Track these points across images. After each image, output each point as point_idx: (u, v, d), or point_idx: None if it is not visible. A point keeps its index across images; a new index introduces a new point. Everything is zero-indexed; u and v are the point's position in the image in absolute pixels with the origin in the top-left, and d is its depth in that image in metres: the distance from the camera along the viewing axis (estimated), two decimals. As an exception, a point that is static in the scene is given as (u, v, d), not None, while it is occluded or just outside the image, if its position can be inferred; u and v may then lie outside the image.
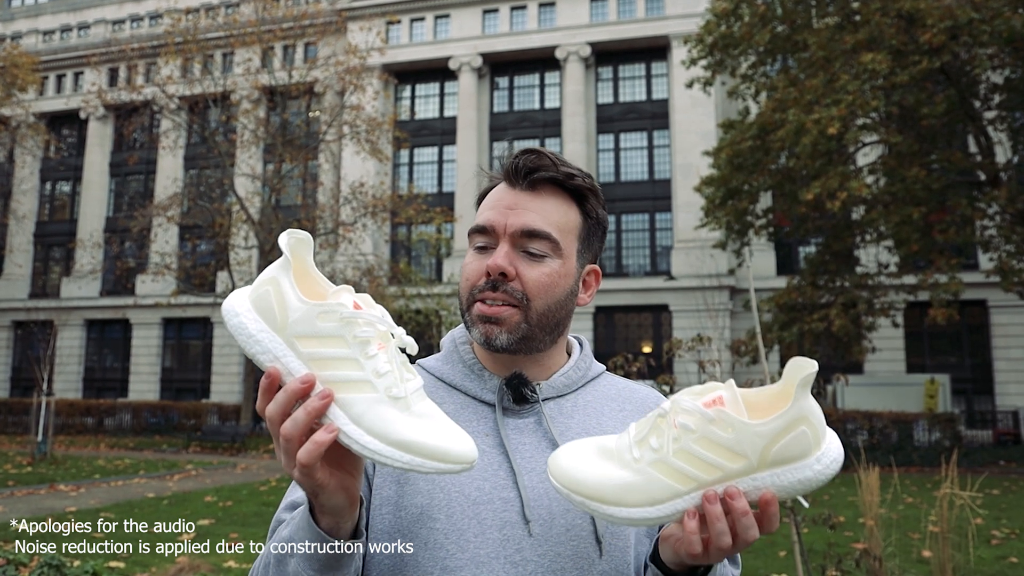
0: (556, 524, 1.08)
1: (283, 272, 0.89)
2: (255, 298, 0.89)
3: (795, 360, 0.89)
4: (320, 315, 0.86)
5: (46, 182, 37.68)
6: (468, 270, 1.16)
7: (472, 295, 1.14)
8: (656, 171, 30.10)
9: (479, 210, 1.21)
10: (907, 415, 20.14)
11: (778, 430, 0.88)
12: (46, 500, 11.16)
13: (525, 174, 1.15)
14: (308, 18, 26.63)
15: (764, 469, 0.89)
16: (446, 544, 1.06)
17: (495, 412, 1.16)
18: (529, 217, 1.13)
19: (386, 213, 25.54)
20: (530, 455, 1.13)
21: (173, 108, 27.33)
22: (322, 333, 0.86)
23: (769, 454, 0.89)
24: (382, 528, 1.09)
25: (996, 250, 17.10)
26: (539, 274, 1.13)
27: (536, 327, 1.14)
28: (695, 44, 19.47)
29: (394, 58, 31.53)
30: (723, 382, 0.93)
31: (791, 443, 0.88)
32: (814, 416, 0.89)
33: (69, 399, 29.04)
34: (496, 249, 1.14)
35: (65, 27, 38.05)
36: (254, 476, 15.34)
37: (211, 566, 6.48)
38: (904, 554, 6.80)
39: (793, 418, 0.88)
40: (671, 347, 6.96)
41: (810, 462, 0.89)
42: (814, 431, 0.89)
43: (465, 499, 1.08)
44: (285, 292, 0.87)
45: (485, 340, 1.13)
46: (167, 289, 29.42)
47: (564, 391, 1.21)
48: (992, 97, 17.88)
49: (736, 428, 0.88)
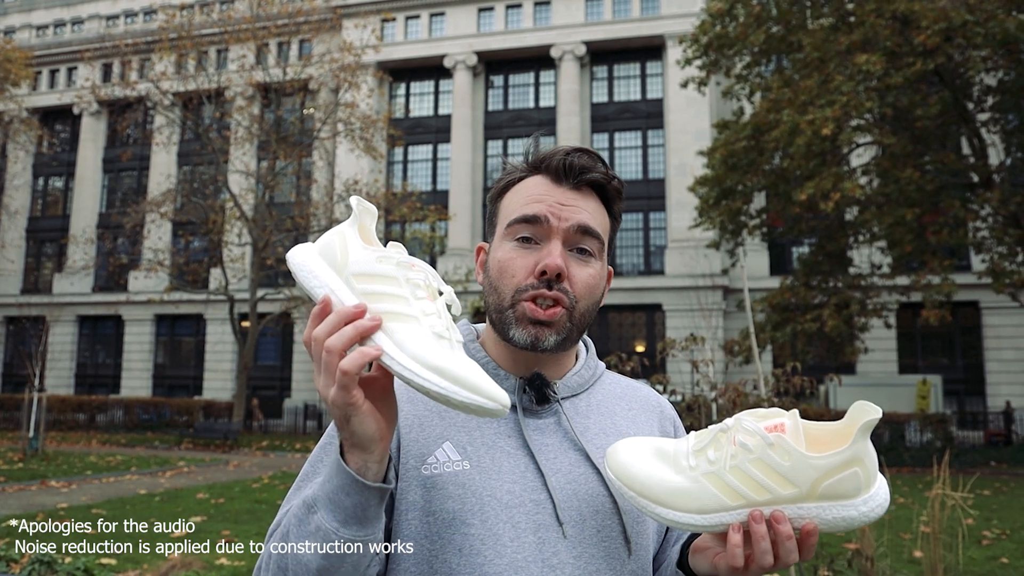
0: (588, 525, 1.08)
1: (350, 227, 0.97)
2: (321, 246, 0.96)
3: (860, 403, 0.93)
4: (379, 259, 0.92)
5: (39, 177, 37.52)
6: (513, 265, 1.12)
7: (519, 292, 1.11)
8: (650, 170, 30.13)
9: (512, 202, 1.17)
10: (899, 416, 20.21)
11: (833, 466, 0.92)
12: (37, 496, 11.11)
13: (577, 173, 1.13)
14: (303, 15, 26.57)
15: (812, 501, 0.93)
16: (483, 550, 1.04)
17: (516, 413, 1.15)
18: (582, 215, 1.13)
19: (380, 211, 25.47)
20: (554, 456, 1.12)
21: (167, 104, 27.24)
22: (378, 272, 0.92)
23: (819, 487, 0.92)
24: (409, 534, 1.07)
25: (988, 252, 17.16)
26: (587, 275, 1.13)
27: (576, 328, 1.14)
28: (690, 44, 19.48)
29: (389, 56, 31.49)
30: (786, 411, 0.97)
31: (842, 481, 0.92)
32: (869, 459, 0.92)
33: (61, 395, 28.93)
34: (547, 245, 1.11)
35: (59, 22, 37.88)
36: (246, 473, 15.31)
37: (203, 563, 6.47)
38: (895, 554, 6.83)
39: (849, 458, 0.92)
40: (664, 346, 6.97)
41: (856, 502, 0.93)
42: (866, 473, 0.92)
43: (497, 503, 1.07)
44: (349, 239, 0.95)
45: (533, 342, 1.10)
46: (160, 285, 29.35)
47: (578, 390, 1.21)
48: (985, 99, 17.93)
49: (794, 457, 0.92)
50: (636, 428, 1.21)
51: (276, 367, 32.00)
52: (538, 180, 1.15)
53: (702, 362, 6.61)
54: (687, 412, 6.34)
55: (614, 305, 28.04)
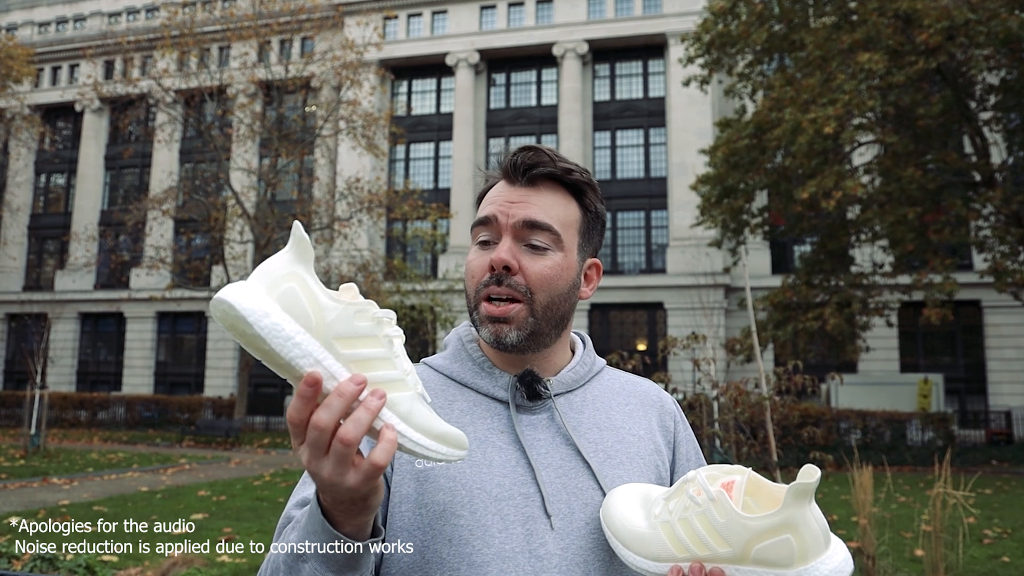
0: (576, 518, 1.10)
1: (304, 267, 0.82)
2: (279, 296, 0.80)
3: (807, 467, 0.90)
4: (356, 315, 0.83)
5: (41, 174, 37.54)
6: (472, 266, 1.18)
7: (478, 292, 1.15)
8: (652, 169, 30.11)
9: (480, 208, 1.21)
10: (900, 414, 20.20)
11: (762, 529, 0.90)
12: (39, 493, 11.13)
13: (524, 170, 1.16)
14: (305, 12, 26.56)
15: (746, 564, 0.92)
16: (471, 540, 1.06)
17: (508, 409, 1.17)
18: (531, 210, 1.15)
19: (382, 209, 25.48)
20: (546, 451, 1.14)
21: (169, 101, 27.22)
22: (358, 333, 0.83)
23: (751, 551, 0.91)
24: (402, 525, 1.09)
25: (990, 251, 17.15)
26: (542, 267, 1.14)
27: (542, 321, 1.15)
28: (692, 42, 19.46)
29: (391, 53, 31.47)
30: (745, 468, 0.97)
31: (773, 547, 0.89)
32: (804, 527, 0.88)
33: (62, 392, 28.96)
34: (499, 243, 1.14)
35: (61, 19, 37.89)
36: (248, 471, 15.32)
37: (204, 560, 6.47)
38: (897, 553, 6.83)
39: (779, 523, 0.89)
40: (666, 345, 6.97)
41: (789, 573, 0.89)
42: (801, 543, 0.88)
43: (487, 495, 1.09)
44: (314, 290, 0.82)
45: (495, 340, 1.14)
46: (162, 283, 29.34)
47: (573, 386, 1.22)
48: (988, 98, 17.90)
49: (729, 516, 0.92)
50: (632, 423, 1.23)
51: (277, 365, 31.96)
52: (501, 184, 1.20)
53: (703, 361, 6.61)
54: (689, 411, 6.34)
55: (615, 303, 28.03)
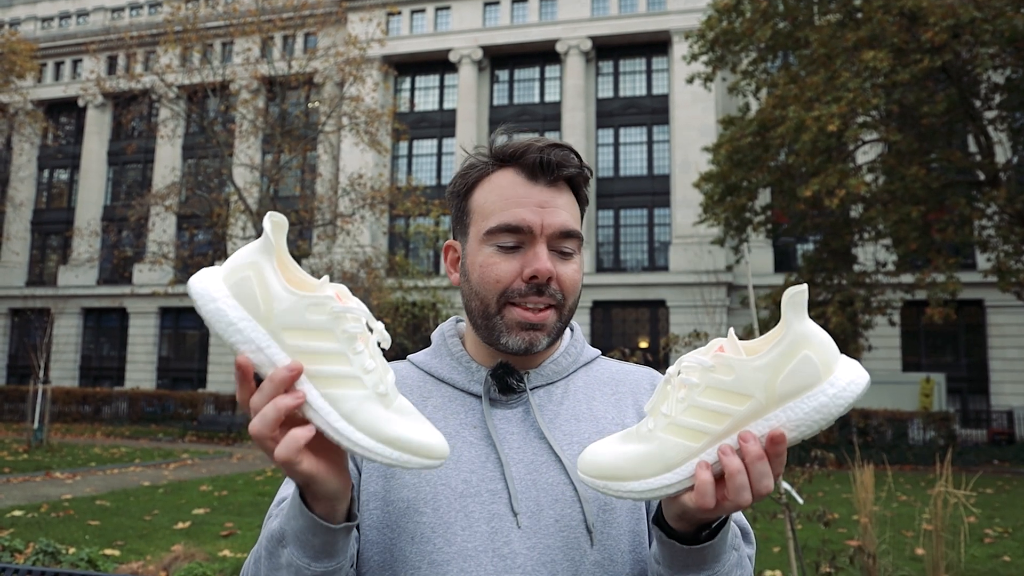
0: (545, 515, 1.06)
1: (265, 257, 0.82)
2: (233, 283, 0.81)
3: (787, 290, 0.85)
4: (310, 307, 0.81)
5: (44, 170, 37.59)
6: (498, 271, 1.09)
7: (505, 298, 1.09)
8: (655, 166, 30.09)
9: (487, 201, 1.13)
10: (902, 413, 20.18)
11: (777, 360, 0.84)
12: (42, 487, 11.16)
13: (554, 169, 1.10)
14: (308, 8, 26.53)
15: (774, 406, 0.84)
16: (433, 538, 1.04)
17: (482, 403, 1.14)
18: (563, 217, 1.10)
19: (384, 205, 25.48)
20: (518, 446, 1.11)
21: (172, 97, 27.21)
22: (311, 326, 0.81)
23: (776, 388, 0.84)
24: (371, 523, 1.08)
25: (994, 250, 17.10)
26: (572, 272, 1.11)
27: (564, 324, 1.14)
28: (696, 39, 19.43)
29: (394, 50, 31.46)
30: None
31: (796, 371, 0.83)
32: (816, 340, 0.84)
33: (65, 387, 28.99)
34: (531, 249, 1.09)
35: (64, 14, 37.90)
36: (250, 466, 15.35)
37: (206, 555, 6.48)
38: (898, 551, 6.83)
39: (791, 344, 0.84)
40: (668, 342, 6.97)
41: (823, 387, 0.83)
42: (821, 355, 0.84)
43: (451, 492, 1.06)
44: (269, 280, 0.81)
45: (527, 347, 1.10)
46: (164, 278, 29.39)
47: (554, 378, 1.18)
48: (993, 97, 17.86)
49: (736, 368, 0.85)
50: (617, 412, 1.18)
51: (280, 360, 32.02)
52: (510, 176, 1.12)
53: (705, 358, 6.60)
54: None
55: (618, 301, 28.03)
